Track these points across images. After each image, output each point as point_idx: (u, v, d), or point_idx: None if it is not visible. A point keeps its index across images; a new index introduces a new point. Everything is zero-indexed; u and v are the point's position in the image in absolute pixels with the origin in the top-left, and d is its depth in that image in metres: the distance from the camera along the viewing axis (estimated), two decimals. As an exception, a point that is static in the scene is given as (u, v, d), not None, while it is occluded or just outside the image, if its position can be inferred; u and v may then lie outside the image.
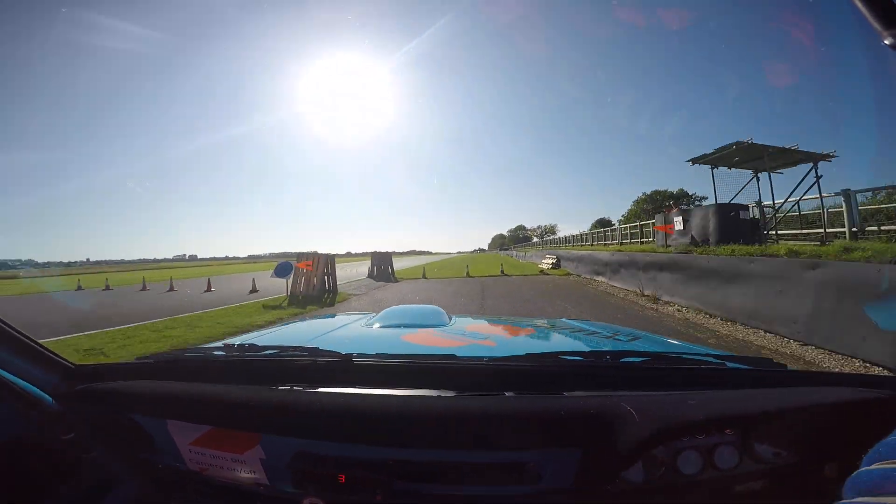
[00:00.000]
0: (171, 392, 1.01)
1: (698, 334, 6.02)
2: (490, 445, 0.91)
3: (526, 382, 1.04)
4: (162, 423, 1.03)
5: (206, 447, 1.01)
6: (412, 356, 1.17)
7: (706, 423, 0.86)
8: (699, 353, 1.32)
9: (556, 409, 0.88)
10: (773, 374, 1.12)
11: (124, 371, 1.15)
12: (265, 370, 1.14)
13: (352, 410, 0.90)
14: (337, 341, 1.72)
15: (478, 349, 1.54)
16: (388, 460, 0.92)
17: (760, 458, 0.91)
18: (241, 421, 0.97)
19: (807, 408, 0.90)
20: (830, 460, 0.92)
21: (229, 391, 0.98)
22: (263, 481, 0.98)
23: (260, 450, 0.97)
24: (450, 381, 1.04)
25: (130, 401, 1.04)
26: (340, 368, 1.08)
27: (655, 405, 0.88)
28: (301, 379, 1.09)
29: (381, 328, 1.89)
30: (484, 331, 1.98)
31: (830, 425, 0.94)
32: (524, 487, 0.92)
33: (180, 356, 1.24)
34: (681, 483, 0.90)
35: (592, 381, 1.04)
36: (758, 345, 5.41)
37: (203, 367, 1.18)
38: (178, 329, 7.60)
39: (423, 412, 0.89)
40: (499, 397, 0.96)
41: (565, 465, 0.91)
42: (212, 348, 1.29)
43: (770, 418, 0.89)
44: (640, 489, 0.90)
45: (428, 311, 2.24)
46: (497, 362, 1.07)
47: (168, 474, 1.07)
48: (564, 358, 1.13)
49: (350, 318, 2.20)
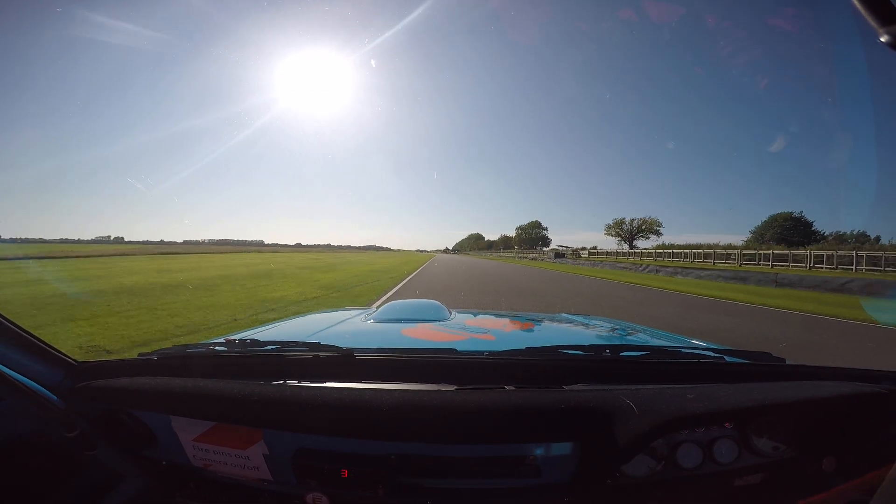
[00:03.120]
0: (174, 388, 1.02)
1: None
2: (490, 439, 0.92)
3: (526, 376, 1.05)
4: (165, 419, 1.04)
5: (210, 443, 1.01)
6: (413, 351, 1.18)
7: (705, 416, 0.86)
8: (698, 348, 1.32)
9: (556, 402, 0.89)
10: (771, 367, 1.13)
11: (127, 368, 1.15)
12: (267, 366, 1.14)
13: (354, 405, 0.91)
14: (338, 336, 1.72)
15: (478, 343, 1.55)
16: (390, 455, 0.93)
17: (759, 451, 0.92)
18: (244, 416, 0.97)
19: (805, 402, 0.90)
20: (829, 454, 0.93)
21: (231, 387, 0.99)
22: (266, 476, 0.99)
23: (263, 445, 0.98)
24: (450, 376, 1.05)
25: (133, 397, 1.05)
26: (342, 363, 1.08)
27: (655, 399, 0.88)
28: (303, 374, 1.09)
29: (382, 323, 1.90)
30: (484, 325, 1.99)
31: (829, 419, 0.95)
32: (525, 481, 0.93)
33: (182, 352, 1.25)
34: (681, 476, 0.90)
35: (592, 375, 1.05)
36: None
37: (205, 364, 1.18)
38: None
39: (423, 406, 0.90)
40: (499, 391, 0.96)
41: (565, 458, 0.92)
42: (213, 344, 1.30)
43: (769, 412, 0.90)
44: (640, 482, 0.91)
45: (428, 305, 2.25)
46: (497, 356, 1.08)
47: (172, 471, 1.07)
48: (564, 352, 1.14)
49: (350, 314, 2.21)
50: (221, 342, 1.28)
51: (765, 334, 7.05)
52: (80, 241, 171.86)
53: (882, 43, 0.51)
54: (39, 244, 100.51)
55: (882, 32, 0.51)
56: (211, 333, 6.24)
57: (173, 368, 1.14)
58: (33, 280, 13.47)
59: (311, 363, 1.10)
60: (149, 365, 1.16)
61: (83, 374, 1.11)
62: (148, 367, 1.15)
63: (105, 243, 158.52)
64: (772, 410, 0.90)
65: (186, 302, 9.32)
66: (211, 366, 1.17)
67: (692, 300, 12.18)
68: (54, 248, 52.37)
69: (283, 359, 1.14)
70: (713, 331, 7.12)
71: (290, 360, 1.13)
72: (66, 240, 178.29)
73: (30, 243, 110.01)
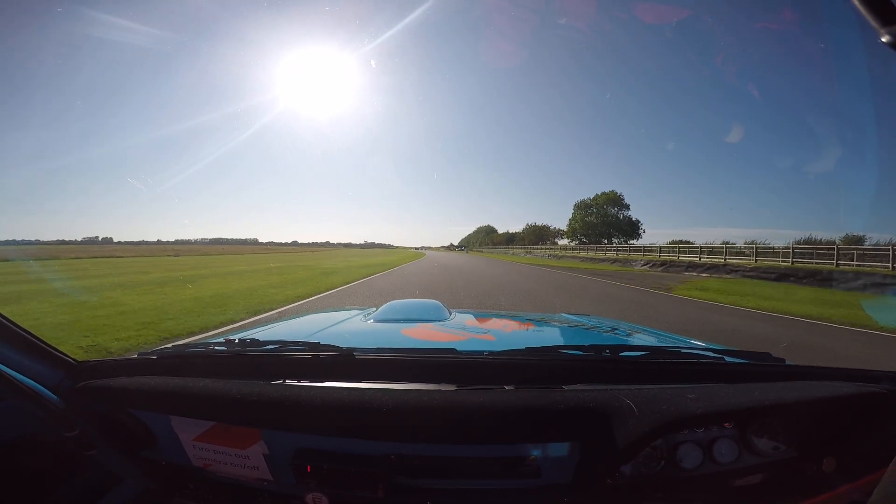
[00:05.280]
0: (174, 388, 1.02)
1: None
2: (490, 439, 0.92)
3: (526, 376, 1.05)
4: (165, 419, 1.04)
5: (209, 443, 1.01)
6: (413, 351, 1.18)
7: (705, 416, 0.86)
8: (698, 348, 1.33)
9: (556, 402, 0.89)
10: (771, 368, 1.13)
11: (127, 367, 1.15)
12: (267, 365, 1.14)
13: (353, 405, 0.91)
14: (338, 336, 1.72)
15: (478, 343, 1.55)
16: (390, 454, 0.93)
17: (759, 451, 0.92)
18: (244, 416, 0.97)
19: (805, 402, 0.90)
20: (828, 454, 0.93)
21: (231, 386, 0.99)
22: (266, 476, 0.99)
23: (262, 445, 0.98)
24: (450, 376, 1.05)
25: (133, 397, 1.05)
26: (342, 363, 1.08)
27: (655, 399, 0.88)
28: (303, 374, 1.09)
29: (382, 323, 1.90)
30: (484, 325, 1.99)
31: (828, 420, 0.95)
32: (525, 481, 0.93)
33: (182, 352, 1.25)
34: (681, 477, 0.90)
35: (592, 375, 1.05)
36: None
37: (205, 363, 1.18)
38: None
39: (423, 406, 0.90)
40: (499, 391, 0.96)
41: (565, 458, 0.92)
42: (213, 343, 1.30)
43: (768, 412, 0.90)
44: (640, 482, 0.91)
45: (428, 305, 2.25)
46: (497, 356, 1.08)
47: (171, 470, 1.07)
48: (564, 352, 1.14)
49: (350, 313, 2.21)
50: (221, 342, 1.27)
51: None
52: (69, 241, 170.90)
53: (882, 43, 0.51)
54: (36, 245, 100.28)
55: (882, 32, 0.51)
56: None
57: (173, 368, 1.14)
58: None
59: (311, 363, 1.10)
60: (149, 365, 1.16)
61: (83, 374, 1.11)
62: (148, 367, 1.15)
63: (93, 244, 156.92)
64: (772, 411, 0.90)
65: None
66: (211, 365, 1.17)
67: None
68: (63, 249, 53.04)
69: (283, 359, 1.14)
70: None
71: (290, 359, 1.13)
72: (64, 241, 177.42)
73: (27, 244, 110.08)
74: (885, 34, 0.51)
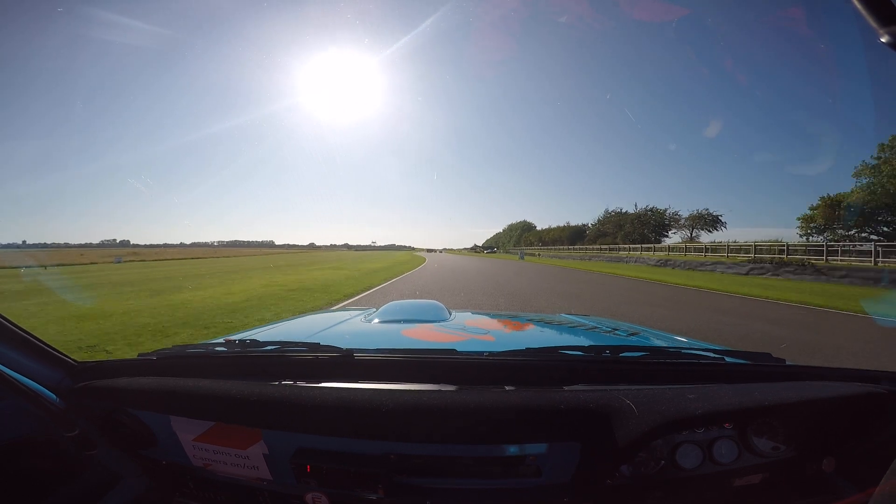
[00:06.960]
0: (174, 388, 1.02)
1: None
2: (490, 439, 0.92)
3: (526, 377, 1.05)
4: (165, 419, 1.04)
5: (209, 443, 1.01)
6: (413, 351, 1.18)
7: (705, 417, 0.86)
8: (698, 348, 1.32)
9: (556, 403, 0.89)
10: (771, 368, 1.13)
11: (127, 368, 1.15)
12: (267, 366, 1.14)
13: (353, 405, 0.91)
14: (337, 337, 1.73)
15: (478, 344, 1.55)
16: (390, 454, 0.93)
17: (759, 452, 0.92)
18: (244, 416, 0.97)
19: (805, 402, 0.90)
20: (828, 454, 0.93)
21: (231, 387, 0.99)
22: (266, 476, 0.99)
23: (263, 445, 0.98)
24: (450, 376, 1.04)
25: (133, 397, 1.05)
26: (341, 364, 1.08)
27: (655, 399, 0.88)
28: (303, 374, 1.09)
29: (382, 323, 1.90)
30: (484, 325, 1.99)
31: (828, 420, 0.94)
32: (525, 481, 0.93)
33: (182, 352, 1.25)
34: (680, 477, 0.90)
35: (592, 376, 1.05)
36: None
37: (205, 363, 1.19)
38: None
39: (423, 407, 0.90)
40: (499, 392, 0.96)
41: (565, 458, 0.92)
42: (213, 344, 1.30)
43: (768, 413, 0.90)
44: (640, 483, 0.91)
45: (428, 306, 2.25)
46: (497, 357, 1.08)
47: (171, 470, 1.07)
48: (564, 352, 1.14)
49: (350, 314, 2.21)
50: (221, 342, 1.28)
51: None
52: (89, 244, 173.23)
53: (882, 43, 0.51)
54: (54, 249, 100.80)
55: (882, 32, 0.51)
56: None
57: (173, 368, 1.14)
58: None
59: (311, 363, 1.10)
60: (148, 365, 1.16)
61: (83, 374, 1.11)
62: (148, 368, 1.15)
63: (111, 247, 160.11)
64: (772, 411, 0.89)
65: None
66: (211, 366, 1.17)
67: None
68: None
69: (283, 359, 1.14)
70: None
71: (289, 360, 1.13)
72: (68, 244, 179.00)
73: (45, 248, 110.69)
74: (884, 34, 0.51)
